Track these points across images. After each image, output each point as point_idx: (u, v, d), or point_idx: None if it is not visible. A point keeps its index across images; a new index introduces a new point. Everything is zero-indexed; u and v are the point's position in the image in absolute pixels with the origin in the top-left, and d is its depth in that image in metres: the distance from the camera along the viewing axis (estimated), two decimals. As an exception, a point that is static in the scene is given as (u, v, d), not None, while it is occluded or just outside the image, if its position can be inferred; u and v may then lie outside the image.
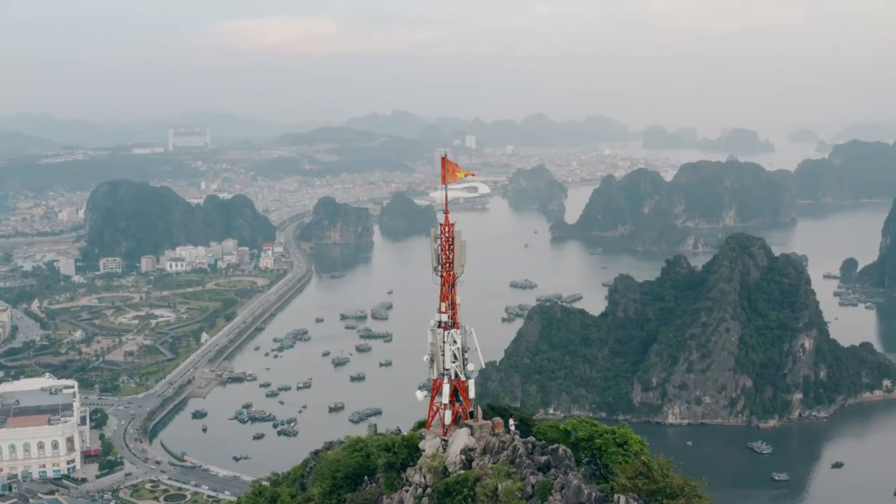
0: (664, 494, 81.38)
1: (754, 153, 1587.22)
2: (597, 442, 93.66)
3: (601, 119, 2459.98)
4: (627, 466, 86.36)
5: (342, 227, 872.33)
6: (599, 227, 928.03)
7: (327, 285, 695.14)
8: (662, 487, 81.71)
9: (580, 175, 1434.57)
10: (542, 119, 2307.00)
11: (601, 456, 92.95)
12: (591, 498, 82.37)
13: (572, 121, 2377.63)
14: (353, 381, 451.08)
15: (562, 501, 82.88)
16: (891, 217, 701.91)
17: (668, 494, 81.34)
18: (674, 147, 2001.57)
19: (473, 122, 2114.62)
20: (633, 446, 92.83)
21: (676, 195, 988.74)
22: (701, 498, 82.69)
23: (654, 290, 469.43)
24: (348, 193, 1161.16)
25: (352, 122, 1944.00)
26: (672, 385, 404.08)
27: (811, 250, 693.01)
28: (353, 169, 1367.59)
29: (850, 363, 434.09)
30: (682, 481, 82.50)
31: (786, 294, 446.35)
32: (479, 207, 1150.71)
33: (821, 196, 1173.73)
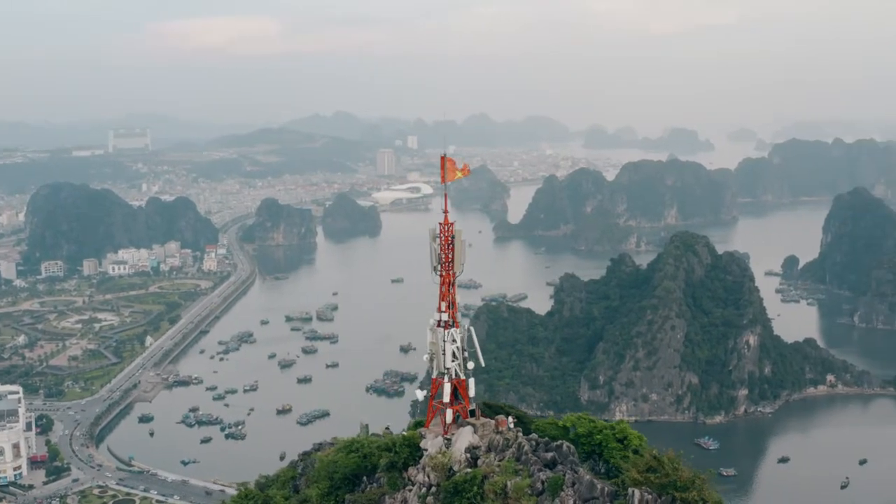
0: (674, 487, 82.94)
1: (694, 152, 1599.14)
2: (597, 438, 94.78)
3: (542, 119, 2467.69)
4: (638, 460, 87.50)
5: (285, 229, 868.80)
6: (542, 226, 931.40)
7: (271, 287, 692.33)
8: (673, 480, 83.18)
9: (522, 175, 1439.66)
10: (483, 119, 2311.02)
11: (602, 451, 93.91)
12: (603, 493, 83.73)
13: (513, 121, 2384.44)
14: (300, 383, 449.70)
15: (574, 497, 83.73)
16: (831, 214, 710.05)
17: (678, 487, 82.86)
18: (614, 147, 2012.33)
19: (415, 122, 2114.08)
20: (633, 441, 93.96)
21: (618, 194, 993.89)
22: (710, 490, 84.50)
23: (600, 289, 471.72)
24: (290, 195, 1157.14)
25: (293, 122, 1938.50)
26: (619, 383, 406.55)
27: (752, 248, 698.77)
28: (295, 170, 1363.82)
29: (794, 359, 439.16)
30: (692, 474, 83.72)
31: (730, 291, 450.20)
32: (421, 208, 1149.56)
33: (761, 194, 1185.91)
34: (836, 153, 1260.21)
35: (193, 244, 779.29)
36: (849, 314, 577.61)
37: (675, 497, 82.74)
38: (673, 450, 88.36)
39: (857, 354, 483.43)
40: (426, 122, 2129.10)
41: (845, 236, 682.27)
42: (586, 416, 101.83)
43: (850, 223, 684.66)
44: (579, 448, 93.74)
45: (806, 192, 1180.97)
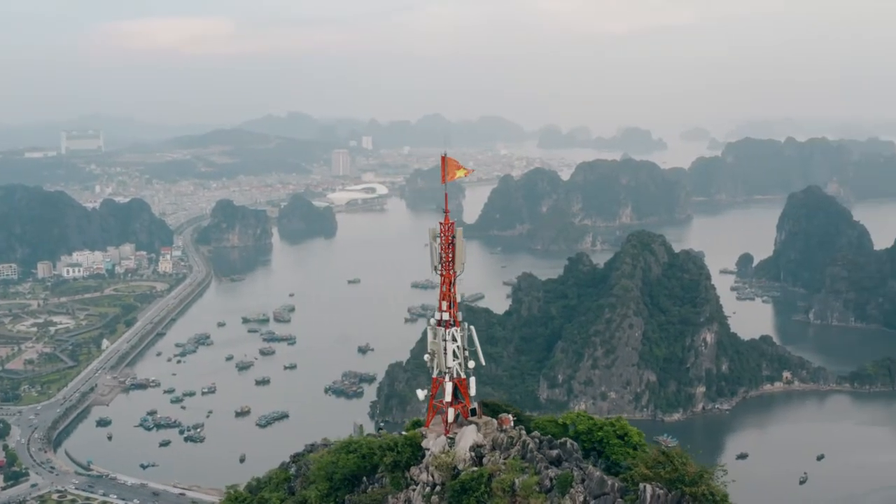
0: (682, 482, 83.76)
1: (648, 152, 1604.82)
2: (598, 435, 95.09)
3: (497, 119, 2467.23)
4: (646, 456, 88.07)
5: (240, 230, 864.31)
6: (498, 226, 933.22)
7: (227, 289, 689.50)
8: (681, 475, 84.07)
9: (477, 175, 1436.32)
10: (437, 119, 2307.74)
11: (604, 448, 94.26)
12: (613, 488, 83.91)
13: (468, 121, 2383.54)
14: (259, 384, 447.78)
15: (584, 493, 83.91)
16: (785, 213, 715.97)
17: (686, 482, 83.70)
18: (569, 146, 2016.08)
19: (369, 122, 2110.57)
20: (633, 438, 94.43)
21: (574, 194, 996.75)
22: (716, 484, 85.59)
23: (558, 288, 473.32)
24: (245, 196, 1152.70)
25: (247, 123, 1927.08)
26: (578, 381, 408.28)
27: (707, 246, 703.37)
28: (249, 171, 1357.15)
29: (751, 356, 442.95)
30: (700, 468, 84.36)
31: (687, 290, 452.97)
32: (377, 208, 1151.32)
33: (715, 193, 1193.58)
34: (788, 152, 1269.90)
35: (148, 246, 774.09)
36: (804, 311, 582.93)
37: (685, 492, 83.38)
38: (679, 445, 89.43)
39: (812, 351, 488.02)
40: (381, 122, 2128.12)
41: (799, 234, 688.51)
42: (584, 414, 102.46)
43: (804, 221, 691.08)
44: (579, 445, 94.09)
45: (759, 191, 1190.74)
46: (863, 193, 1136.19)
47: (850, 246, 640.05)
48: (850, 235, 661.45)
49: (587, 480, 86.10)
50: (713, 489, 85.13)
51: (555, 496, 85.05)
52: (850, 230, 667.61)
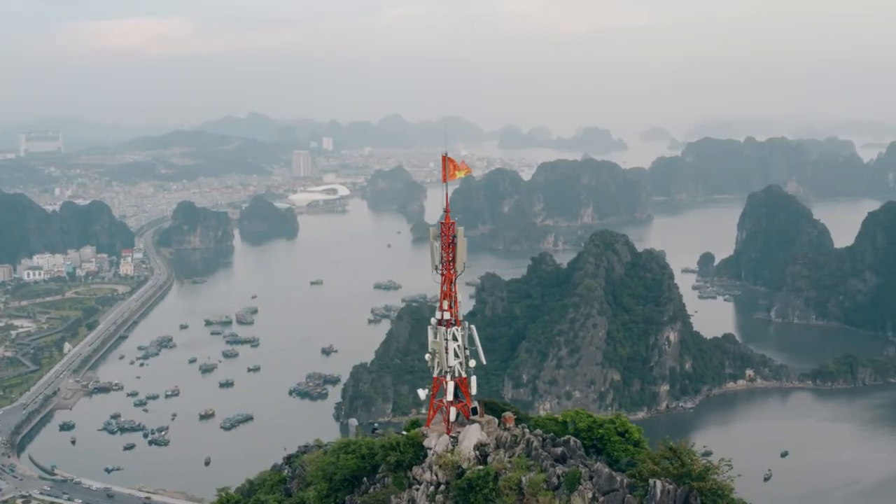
0: (690, 477, 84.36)
1: (608, 152, 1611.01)
2: (598, 432, 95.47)
3: (457, 120, 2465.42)
4: (653, 452, 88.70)
5: (202, 232, 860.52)
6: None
7: (189, 291, 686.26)
8: (689, 471, 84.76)
9: (437, 175, 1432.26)
10: (397, 120, 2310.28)
11: (605, 445, 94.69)
12: (623, 485, 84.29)
13: (428, 121, 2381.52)
14: (222, 387, 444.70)
15: (593, 490, 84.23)
16: (746, 212, 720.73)
17: (693, 477, 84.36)
18: (529, 147, 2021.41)
19: (330, 123, 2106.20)
20: (634, 435, 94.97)
21: (535, 194, 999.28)
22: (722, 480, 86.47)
23: (521, 288, 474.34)
24: (206, 197, 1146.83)
25: (206, 125, 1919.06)
26: (542, 381, 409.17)
27: (668, 245, 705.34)
28: (210, 172, 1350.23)
29: (714, 354, 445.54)
30: (706, 462, 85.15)
31: (650, 289, 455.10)
32: (338, 210, 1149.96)
33: (675, 193, 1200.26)
34: (748, 151, 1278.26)
35: (109, 248, 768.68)
36: (765, 309, 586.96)
37: (693, 487, 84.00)
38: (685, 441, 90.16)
39: (774, 349, 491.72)
40: (341, 123, 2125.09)
41: (760, 233, 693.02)
42: (583, 412, 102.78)
43: (765, 220, 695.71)
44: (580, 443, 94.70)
45: (719, 190, 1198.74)
46: (822, 192, 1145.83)
47: (810, 244, 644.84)
48: (811, 234, 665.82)
49: (595, 477, 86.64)
50: (719, 484, 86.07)
51: (563, 493, 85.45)
52: (810, 229, 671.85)
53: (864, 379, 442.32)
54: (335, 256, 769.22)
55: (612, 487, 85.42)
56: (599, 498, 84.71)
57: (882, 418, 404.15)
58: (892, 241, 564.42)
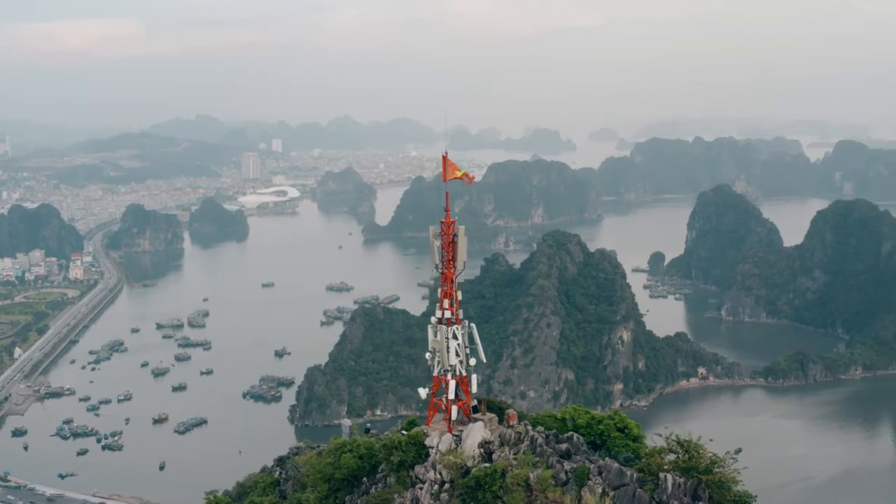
0: (697, 471, 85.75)
1: (557, 152, 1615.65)
2: (598, 428, 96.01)
3: (406, 121, 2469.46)
4: (661, 446, 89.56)
5: (152, 235, 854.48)
6: (411, 227, 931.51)
7: (140, 294, 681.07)
8: (696, 464, 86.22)
9: (388, 177, 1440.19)
10: (347, 121, 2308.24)
11: (605, 441, 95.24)
12: (632, 479, 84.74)
13: (378, 122, 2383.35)
14: (175, 391, 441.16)
15: (603, 484, 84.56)
16: (695, 211, 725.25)
17: (700, 470, 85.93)
18: (478, 147, 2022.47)
19: (279, 125, 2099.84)
20: (633, 430, 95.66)
21: (485, 194, 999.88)
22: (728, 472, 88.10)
23: (474, 289, 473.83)
24: (155, 200, 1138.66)
25: (155, 127, 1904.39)
26: (497, 381, 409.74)
27: (618, 245, 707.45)
28: (158, 175, 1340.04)
29: (666, 353, 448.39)
30: (712, 456, 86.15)
31: (602, 288, 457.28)
32: (288, 211, 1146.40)
33: (624, 192, 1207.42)
34: (696, 151, 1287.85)
35: (59, 252, 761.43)
36: (716, 308, 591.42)
37: (701, 480, 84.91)
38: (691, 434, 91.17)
39: (725, 347, 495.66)
40: (290, 124, 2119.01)
41: (709, 232, 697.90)
42: (581, 408, 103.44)
43: (714, 219, 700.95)
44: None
45: (668, 190, 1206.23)
46: (770, 191, 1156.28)
47: (759, 243, 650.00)
48: (760, 233, 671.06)
49: (605, 472, 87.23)
50: (725, 477, 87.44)
51: (571, 489, 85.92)
52: (759, 228, 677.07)
53: (815, 376, 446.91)
54: (286, 258, 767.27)
55: (623, 482, 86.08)
56: (609, 493, 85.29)
57: (833, 414, 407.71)
58: (841, 239, 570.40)
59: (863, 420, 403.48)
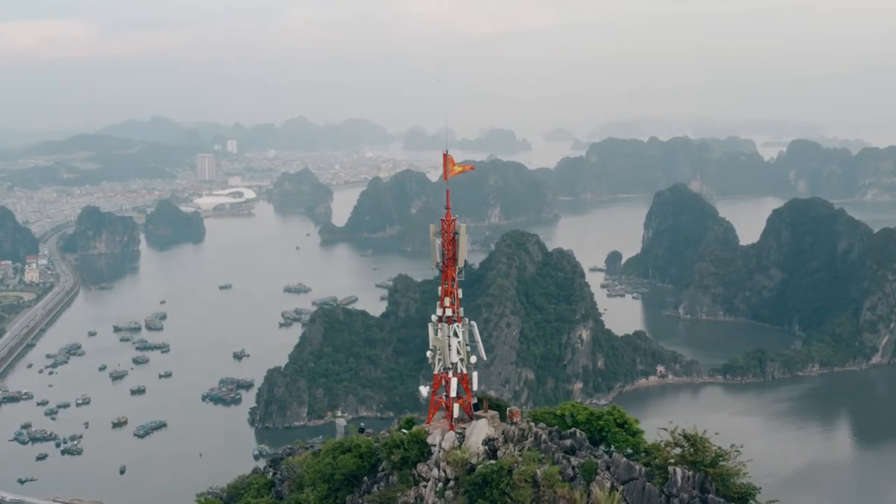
0: (703, 464, 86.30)
1: (513, 152, 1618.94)
2: (598, 423, 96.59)
3: (361, 122, 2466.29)
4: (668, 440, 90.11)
5: (107, 237, 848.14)
6: (368, 228, 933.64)
7: (96, 297, 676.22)
8: (703, 457, 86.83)
9: (344, 178, 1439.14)
10: (302, 122, 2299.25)
11: (605, 437, 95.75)
12: (641, 473, 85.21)
13: (333, 123, 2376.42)
14: (134, 394, 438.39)
15: (612, 479, 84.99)
16: (652, 210, 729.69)
17: (707, 464, 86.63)
18: (434, 148, 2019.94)
19: (233, 126, 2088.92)
20: (633, 425, 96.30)
21: (442, 195, 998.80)
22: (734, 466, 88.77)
23: (434, 289, 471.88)
24: (110, 202, 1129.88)
25: (108, 128, 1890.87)
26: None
27: (575, 245, 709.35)
28: (113, 177, 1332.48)
29: (625, 351, 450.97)
30: (717, 449, 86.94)
31: (561, 287, 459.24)
32: (244, 213, 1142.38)
33: (580, 192, 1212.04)
34: (651, 151, 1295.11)
35: (13, 255, 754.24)
36: (673, 306, 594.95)
37: (708, 473, 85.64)
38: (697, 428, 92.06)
39: (684, 345, 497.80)
40: (245, 125, 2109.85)
41: (666, 231, 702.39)
42: (579, 404, 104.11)
43: (671, 218, 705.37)
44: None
45: (624, 190, 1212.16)
46: (725, 190, 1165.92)
47: (716, 242, 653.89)
48: (717, 232, 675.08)
49: (613, 467, 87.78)
50: (730, 470, 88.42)
51: (579, 484, 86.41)
52: (716, 226, 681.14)
53: (772, 373, 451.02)
54: (243, 260, 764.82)
55: (632, 476, 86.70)
56: (619, 487, 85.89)
57: (791, 411, 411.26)
58: (797, 237, 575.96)
59: (820, 416, 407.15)
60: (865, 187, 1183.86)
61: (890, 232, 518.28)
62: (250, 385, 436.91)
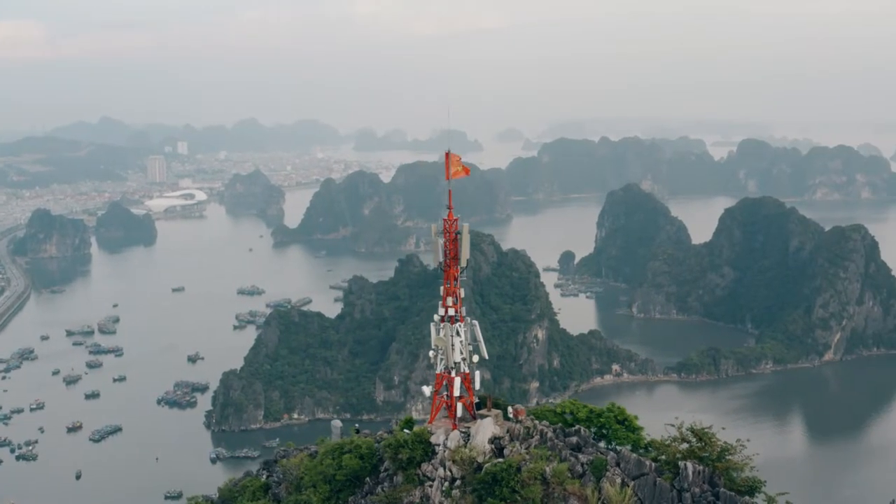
0: (710, 459, 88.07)
1: (464, 153, 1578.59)
2: (599, 420, 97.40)
3: (312, 123, 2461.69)
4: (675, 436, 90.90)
5: (58, 240, 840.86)
6: (321, 229, 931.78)
7: (48, 301, 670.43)
8: (709, 452, 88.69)
9: (295, 179, 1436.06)
10: (253, 124, 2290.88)
11: (606, 433, 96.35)
12: (651, 468, 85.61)
13: (283, 125, 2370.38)
14: (88, 398, 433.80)
15: (622, 475, 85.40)
16: (605, 210, 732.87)
17: (714, 458, 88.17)
18: (385, 149, 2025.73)
19: (184, 127, 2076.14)
20: (633, 422, 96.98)
21: (395, 195, 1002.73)
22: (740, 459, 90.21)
23: (389, 290, 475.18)
24: (60, 204, 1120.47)
25: (58, 130, 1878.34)
26: (414, 382, 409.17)
27: (528, 245, 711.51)
28: (63, 179, 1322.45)
29: (581, 350, 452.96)
30: (724, 444, 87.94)
31: (516, 287, 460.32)
32: (196, 215, 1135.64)
33: (532, 192, 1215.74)
34: (602, 151, 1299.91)
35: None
36: (627, 305, 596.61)
37: (716, 467, 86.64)
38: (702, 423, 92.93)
39: (638, 343, 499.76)
40: (195, 127, 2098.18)
41: (619, 230, 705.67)
42: (577, 403, 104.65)
43: (624, 218, 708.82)
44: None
45: (575, 190, 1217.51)
46: (675, 190, 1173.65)
47: (669, 241, 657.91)
48: (669, 231, 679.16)
49: (623, 463, 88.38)
50: (737, 464, 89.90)
51: (589, 481, 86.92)
52: (668, 226, 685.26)
53: (726, 370, 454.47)
54: (196, 262, 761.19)
55: (642, 472, 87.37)
56: (630, 483, 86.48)
57: (745, 408, 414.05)
58: (748, 236, 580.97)
59: (774, 413, 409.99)
60: (815, 186, 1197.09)
61: (841, 230, 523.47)
62: (205, 388, 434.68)
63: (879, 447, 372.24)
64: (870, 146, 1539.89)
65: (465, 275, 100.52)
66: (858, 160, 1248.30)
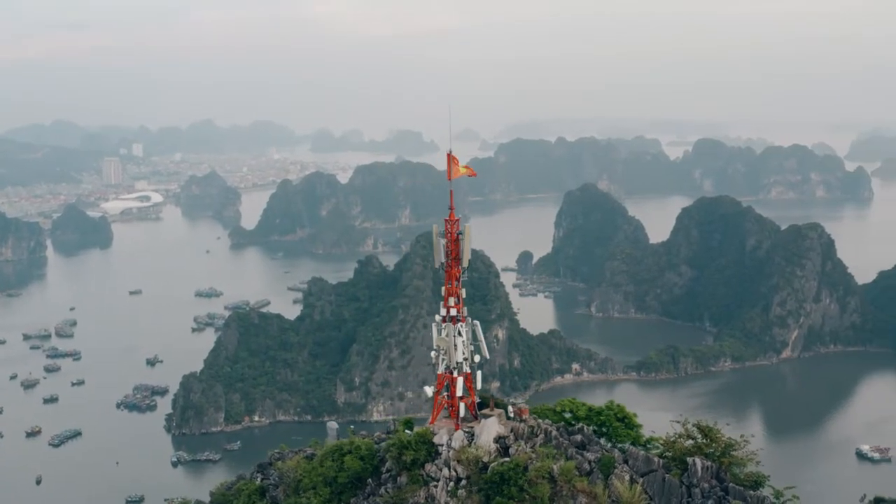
0: (715, 454, 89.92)
1: (421, 153, 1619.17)
2: (599, 419, 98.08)
3: (268, 124, 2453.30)
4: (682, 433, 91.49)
5: (13, 243, 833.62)
6: (278, 231, 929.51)
7: (4, 304, 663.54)
8: (715, 448, 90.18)
9: (252, 180, 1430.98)
10: (208, 125, 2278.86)
11: (607, 431, 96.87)
12: (660, 465, 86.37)
13: (239, 126, 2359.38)
14: (47, 403, 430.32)
15: (631, 472, 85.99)
16: (562, 210, 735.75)
17: (720, 454, 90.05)
18: (342, 150, 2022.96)
19: (139, 129, 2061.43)
20: (632, 420, 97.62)
21: (353, 197, 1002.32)
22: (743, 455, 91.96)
23: (349, 291, 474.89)
24: (14, 207, 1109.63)
25: (10, 132, 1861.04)
26: (375, 383, 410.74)
27: (486, 245, 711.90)
28: (17, 181, 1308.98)
29: (541, 350, 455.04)
30: (728, 439, 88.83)
31: (476, 287, 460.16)
32: (152, 217, 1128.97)
33: (489, 193, 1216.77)
34: (558, 151, 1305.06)
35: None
36: (585, 305, 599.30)
37: (722, 463, 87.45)
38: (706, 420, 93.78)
39: (597, 343, 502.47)
40: (150, 129, 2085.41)
41: (576, 230, 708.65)
42: (576, 401, 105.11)
43: (581, 217, 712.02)
44: None
45: (532, 190, 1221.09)
46: (631, 189, 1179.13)
47: (626, 240, 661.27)
48: (627, 230, 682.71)
49: (631, 460, 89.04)
50: (741, 459, 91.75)
51: (596, 478, 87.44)
52: (626, 225, 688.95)
53: (685, 368, 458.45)
54: (153, 265, 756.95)
55: (651, 468, 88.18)
56: (638, 480, 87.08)
57: (704, 405, 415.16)
58: (705, 235, 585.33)
59: (732, 410, 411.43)
60: (770, 185, 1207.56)
61: (798, 229, 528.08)
62: (165, 391, 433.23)
63: (837, 443, 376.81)
64: (824, 145, 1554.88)
65: (465, 275, 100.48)
66: (813, 159, 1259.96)
